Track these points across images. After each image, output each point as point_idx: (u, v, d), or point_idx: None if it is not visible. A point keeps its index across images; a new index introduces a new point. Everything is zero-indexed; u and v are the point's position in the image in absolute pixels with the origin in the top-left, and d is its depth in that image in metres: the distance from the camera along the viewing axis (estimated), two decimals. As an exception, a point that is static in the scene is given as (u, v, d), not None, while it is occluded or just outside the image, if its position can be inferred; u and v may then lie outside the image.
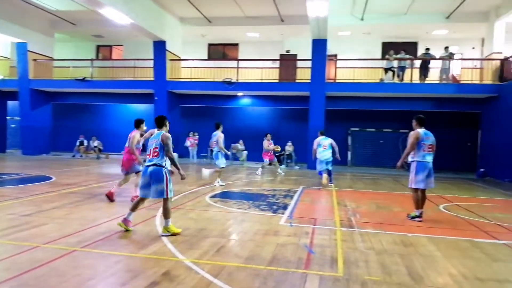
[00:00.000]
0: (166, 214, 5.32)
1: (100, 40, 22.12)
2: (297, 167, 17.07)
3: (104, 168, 14.70)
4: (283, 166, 17.40)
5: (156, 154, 5.29)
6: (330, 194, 9.63)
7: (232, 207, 7.59)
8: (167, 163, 5.34)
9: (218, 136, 10.36)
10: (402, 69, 16.96)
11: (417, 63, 17.25)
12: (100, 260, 4.25)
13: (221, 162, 10.47)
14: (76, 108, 21.78)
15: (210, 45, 21.64)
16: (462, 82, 16.78)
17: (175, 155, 6.02)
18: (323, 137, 11.27)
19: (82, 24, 19.20)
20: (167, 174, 5.32)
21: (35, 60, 19.03)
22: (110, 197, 7.66)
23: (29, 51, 18.65)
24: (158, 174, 5.24)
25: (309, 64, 17.02)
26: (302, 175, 14.14)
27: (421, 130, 6.65)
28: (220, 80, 17.43)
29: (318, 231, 5.80)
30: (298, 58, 19.44)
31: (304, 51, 17.83)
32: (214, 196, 8.69)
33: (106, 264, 4.15)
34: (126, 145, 7.52)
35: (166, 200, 5.31)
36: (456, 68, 17.20)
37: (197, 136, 18.82)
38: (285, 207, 7.70)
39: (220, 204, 7.76)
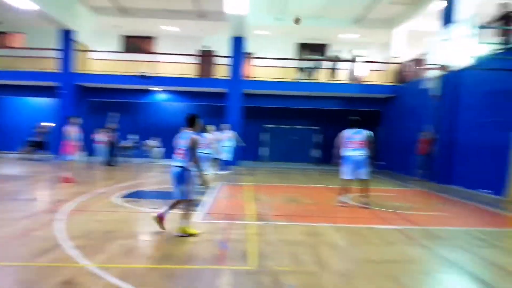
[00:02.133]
0: (186, 215, 5.27)
1: (-4, 25, 19.64)
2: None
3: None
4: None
5: (182, 155, 5.22)
6: (246, 190, 9.80)
7: (144, 206, 7.31)
8: (191, 165, 5.19)
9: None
10: (314, 69, 17.93)
11: (328, 64, 18.37)
12: (-12, 273, 3.79)
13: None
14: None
15: (125, 37, 20.54)
16: (367, 83, 18.22)
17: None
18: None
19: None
20: (190, 176, 5.20)
21: None
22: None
23: None
24: (182, 176, 5.19)
25: (227, 61, 17.11)
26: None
27: (349, 130, 7.69)
28: (135, 74, 16.66)
29: (233, 227, 5.86)
30: (216, 54, 19.40)
31: (224, 48, 17.86)
32: (125, 196, 8.28)
33: (-5, 276, 3.72)
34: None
35: (187, 202, 5.31)
36: (363, 70, 18.61)
37: (110, 133, 17.68)
38: (202, 204, 7.64)
39: (131, 205, 7.43)
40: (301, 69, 18.15)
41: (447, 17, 11.89)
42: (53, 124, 17.15)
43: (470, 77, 11.18)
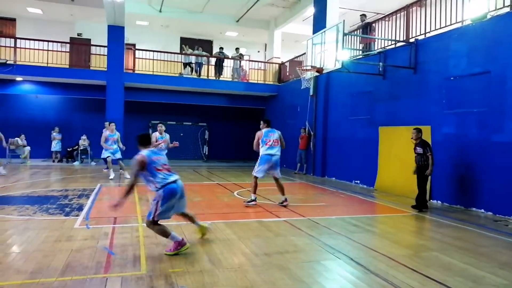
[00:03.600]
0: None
1: None
2: (93, 163, 15.71)
3: None
4: (77, 163, 15.78)
5: None
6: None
7: (12, 214, 6.36)
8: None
9: None
10: (199, 65, 17.88)
11: (213, 61, 18.52)
12: None
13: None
14: None
15: (-24, 16, 17.47)
16: (250, 81, 18.94)
17: None
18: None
19: None
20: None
21: None
22: None
23: None
24: None
25: (105, 51, 15.89)
26: (100, 172, 13.10)
27: (264, 130, 7.74)
28: (-10, 60, 14.28)
29: (119, 230, 5.50)
30: (92, 43, 17.83)
31: (100, 37, 16.51)
32: (-16, 203, 7.09)
33: None
34: None
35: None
36: (246, 69, 19.28)
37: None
38: (80, 208, 6.98)
39: (-6, 212, 6.39)
40: (186, 64, 17.93)
41: (319, 23, 13.11)
42: None
43: (339, 79, 12.55)
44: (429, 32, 9.29)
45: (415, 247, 5.20)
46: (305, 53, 11.58)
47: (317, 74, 10.62)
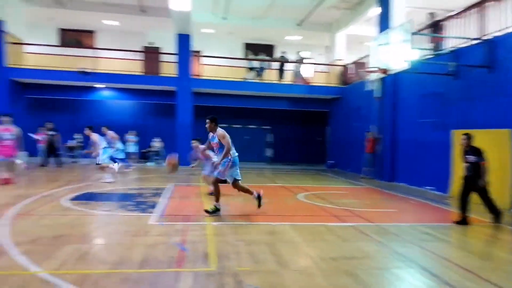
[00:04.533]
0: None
1: None
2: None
3: None
4: (151, 163, 16.76)
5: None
6: (201, 190, 9.67)
7: (96, 209, 6.98)
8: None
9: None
10: (262, 69, 18.16)
11: (275, 64, 18.71)
12: None
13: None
14: None
15: (62, 30, 19.36)
16: (313, 84, 18.80)
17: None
18: None
19: None
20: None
21: None
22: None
23: None
24: None
25: (174, 58, 16.78)
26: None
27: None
28: (75, 70, 15.75)
29: (190, 228, 5.77)
30: (162, 51, 18.94)
31: (169, 45, 17.49)
32: (74, 199, 7.84)
33: None
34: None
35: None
36: (308, 71, 19.18)
37: (53, 133, 16.51)
38: (154, 205, 7.44)
39: (81, 207, 7.04)
40: (250, 68, 18.31)
41: (383, 23, 12.66)
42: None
43: (407, 80, 11.99)
44: (507, 28, 8.56)
45: (496, 259, 4.83)
46: (370, 54, 11.25)
47: (382, 75, 10.28)
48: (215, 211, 6.62)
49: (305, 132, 19.78)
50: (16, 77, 15.74)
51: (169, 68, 17.25)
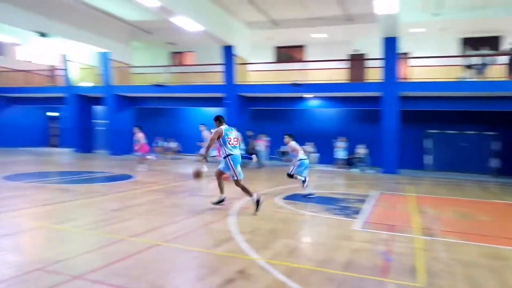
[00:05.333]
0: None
1: (174, 47, 23.32)
2: (371, 171, 16.44)
3: (180, 168, 15.44)
4: (356, 169, 16.85)
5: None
6: (408, 200, 9.13)
7: (303, 209, 7.53)
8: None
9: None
10: (484, 66, 15.59)
11: (502, 59, 15.74)
12: (180, 255, 4.47)
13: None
14: (154, 111, 23.22)
15: (277, 48, 21.82)
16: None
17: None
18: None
19: (157, 32, 20.40)
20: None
21: (117, 67, 20.65)
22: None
23: (111, 59, 20.31)
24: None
25: (379, 63, 16.40)
26: (377, 179, 13.59)
27: (223, 127, 6.99)
28: (288, 83, 17.46)
29: (395, 238, 5.52)
30: (367, 57, 18.82)
31: (375, 50, 17.20)
32: (285, 198, 8.70)
33: (184, 259, 4.36)
34: None
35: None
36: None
37: (268, 138, 18.86)
38: (358, 212, 7.46)
39: (291, 206, 7.75)
40: (468, 66, 16.01)
41: None
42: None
43: None
44: None
45: None
46: None
47: None
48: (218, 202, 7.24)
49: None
50: (242, 92, 18.63)
51: (374, 73, 16.99)
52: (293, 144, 9.03)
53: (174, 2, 13.17)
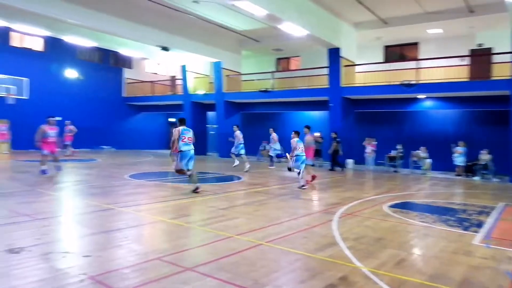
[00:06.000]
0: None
1: (280, 53, 23.93)
2: (495, 180, 14.51)
3: (283, 171, 15.72)
4: (477, 178, 15.07)
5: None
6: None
7: (414, 219, 7.02)
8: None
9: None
10: None
11: None
12: (282, 256, 4.58)
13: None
14: (260, 116, 24.11)
15: (386, 47, 20.76)
16: None
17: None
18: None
19: (264, 40, 21.21)
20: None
21: (227, 76, 22.03)
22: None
23: (223, 68, 21.74)
24: None
25: (508, 58, 14.40)
26: (503, 190, 11.99)
27: (180, 127, 8.62)
28: (398, 83, 16.45)
29: (525, 257, 4.81)
30: (493, 52, 16.68)
31: (502, 44, 15.17)
32: (393, 206, 8.24)
33: (287, 260, 4.45)
34: None
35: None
36: None
37: (375, 142, 18.02)
38: (479, 225, 6.67)
39: (399, 215, 7.30)
40: None
41: None
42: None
43: None
44: None
45: None
46: None
47: None
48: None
49: None
50: (347, 94, 18.18)
51: (501, 69, 14.99)
52: (294, 141, 10.41)
53: (281, 9, 13.52)
